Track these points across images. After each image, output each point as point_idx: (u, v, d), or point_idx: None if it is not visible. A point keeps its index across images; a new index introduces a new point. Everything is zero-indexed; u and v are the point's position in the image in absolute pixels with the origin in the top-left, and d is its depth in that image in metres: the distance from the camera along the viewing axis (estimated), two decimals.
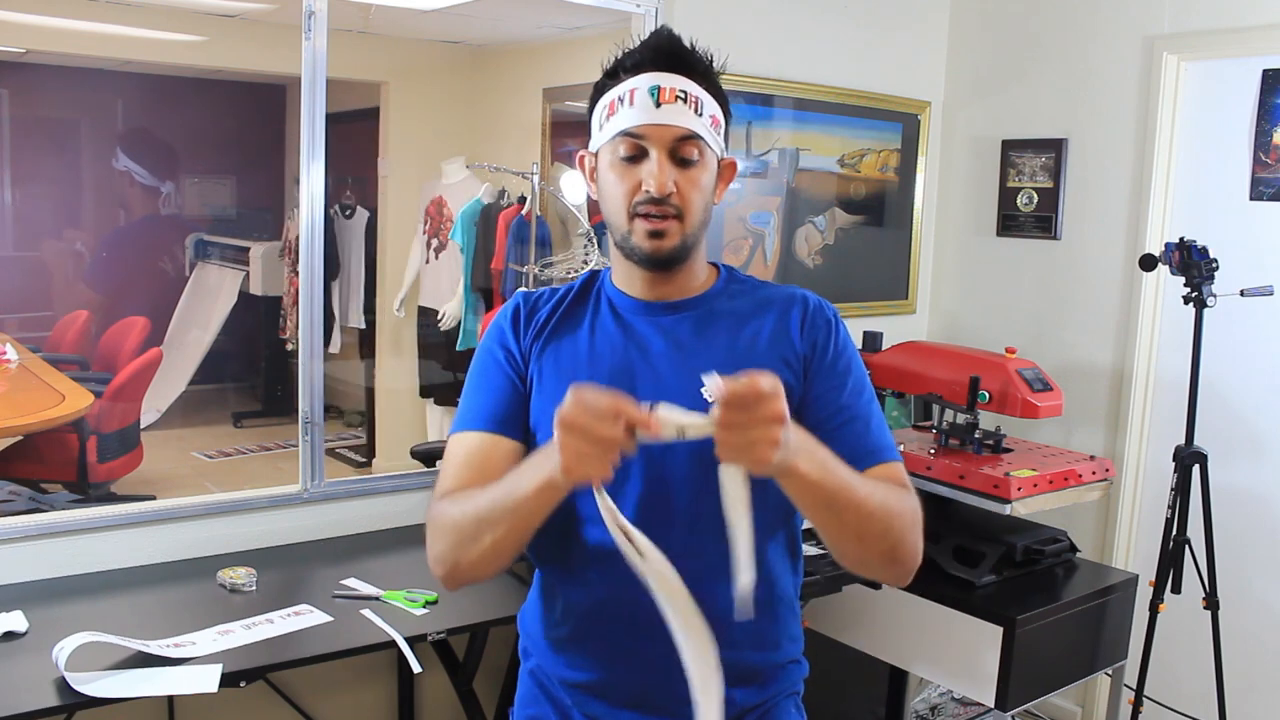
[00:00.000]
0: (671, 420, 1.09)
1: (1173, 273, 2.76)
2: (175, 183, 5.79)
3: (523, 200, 3.92)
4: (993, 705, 2.58)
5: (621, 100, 1.27)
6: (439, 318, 4.31)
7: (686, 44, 1.31)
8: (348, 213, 5.27)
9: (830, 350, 1.35)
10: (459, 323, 4.20)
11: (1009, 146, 3.57)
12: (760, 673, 1.42)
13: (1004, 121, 3.61)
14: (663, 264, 1.31)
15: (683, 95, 1.26)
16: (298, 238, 2.64)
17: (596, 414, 1.05)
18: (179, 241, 5.60)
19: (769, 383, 1.05)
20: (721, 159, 1.34)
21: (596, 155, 1.33)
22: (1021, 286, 3.59)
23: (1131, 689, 2.85)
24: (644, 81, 1.26)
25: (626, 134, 1.26)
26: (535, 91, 4.46)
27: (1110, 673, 2.87)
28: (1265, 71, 3.01)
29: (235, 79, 5.82)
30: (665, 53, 1.28)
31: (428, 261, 4.55)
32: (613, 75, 1.30)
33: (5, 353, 3.69)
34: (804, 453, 1.13)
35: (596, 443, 1.05)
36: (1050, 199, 3.47)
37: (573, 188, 3.55)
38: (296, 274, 2.68)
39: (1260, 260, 2.98)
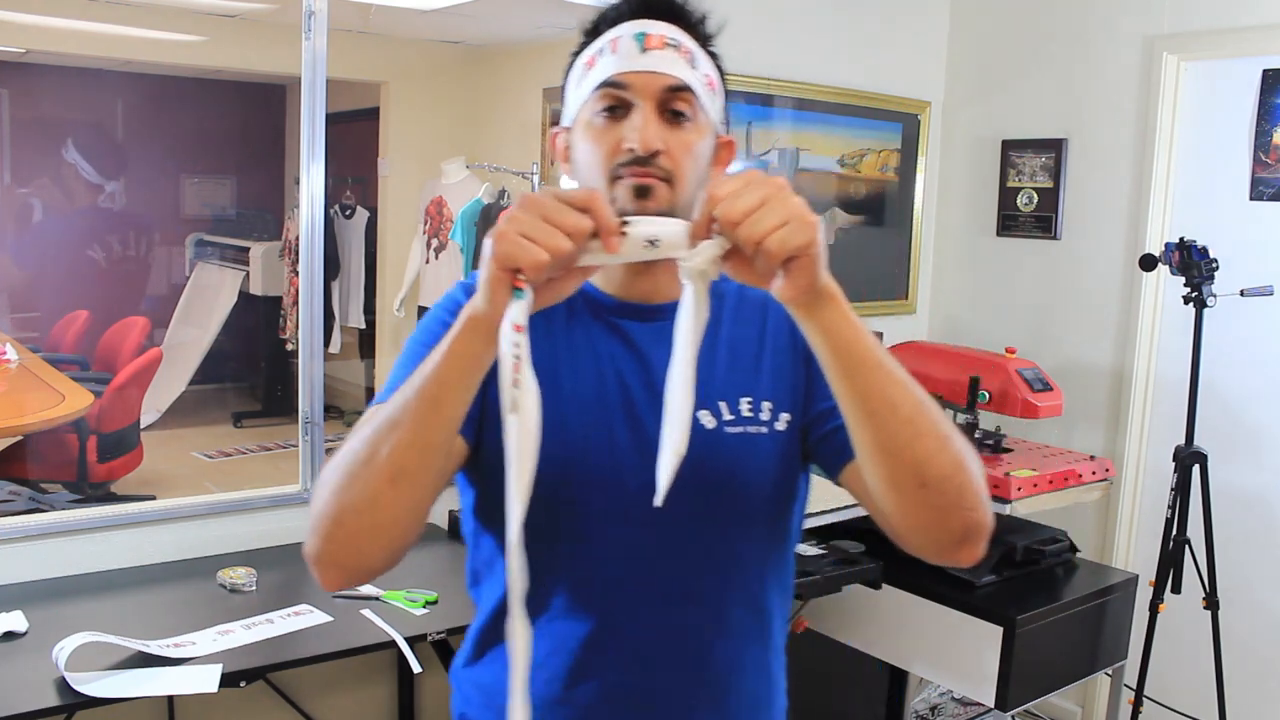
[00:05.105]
0: (642, 233, 0.89)
1: (1173, 273, 2.76)
2: (119, 182, 5.77)
3: None
4: (993, 705, 2.58)
5: (602, 52, 1.08)
6: None
7: None
8: (348, 213, 5.27)
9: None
10: None
11: (1009, 146, 3.57)
12: None
13: (1004, 121, 3.60)
14: None
15: (674, 43, 1.07)
16: (298, 238, 2.64)
17: (567, 199, 0.87)
18: (115, 233, 5.56)
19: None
20: (719, 134, 1.13)
21: (571, 130, 1.12)
22: (1021, 286, 3.59)
23: (1131, 689, 2.85)
24: (629, 28, 1.07)
25: (608, 84, 1.06)
26: (535, 91, 4.45)
27: (1110, 673, 2.87)
28: (1265, 71, 3.00)
29: (235, 79, 5.82)
30: (653, 1, 1.09)
31: (428, 261, 4.55)
32: (593, 32, 1.11)
33: (5, 353, 3.69)
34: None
35: (551, 228, 0.85)
36: (1050, 199, 3.47)
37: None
38: (296, 274, 2.68)
39: (1260, 260, 2.98)
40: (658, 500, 0.90)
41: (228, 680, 1.83)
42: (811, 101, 3.40)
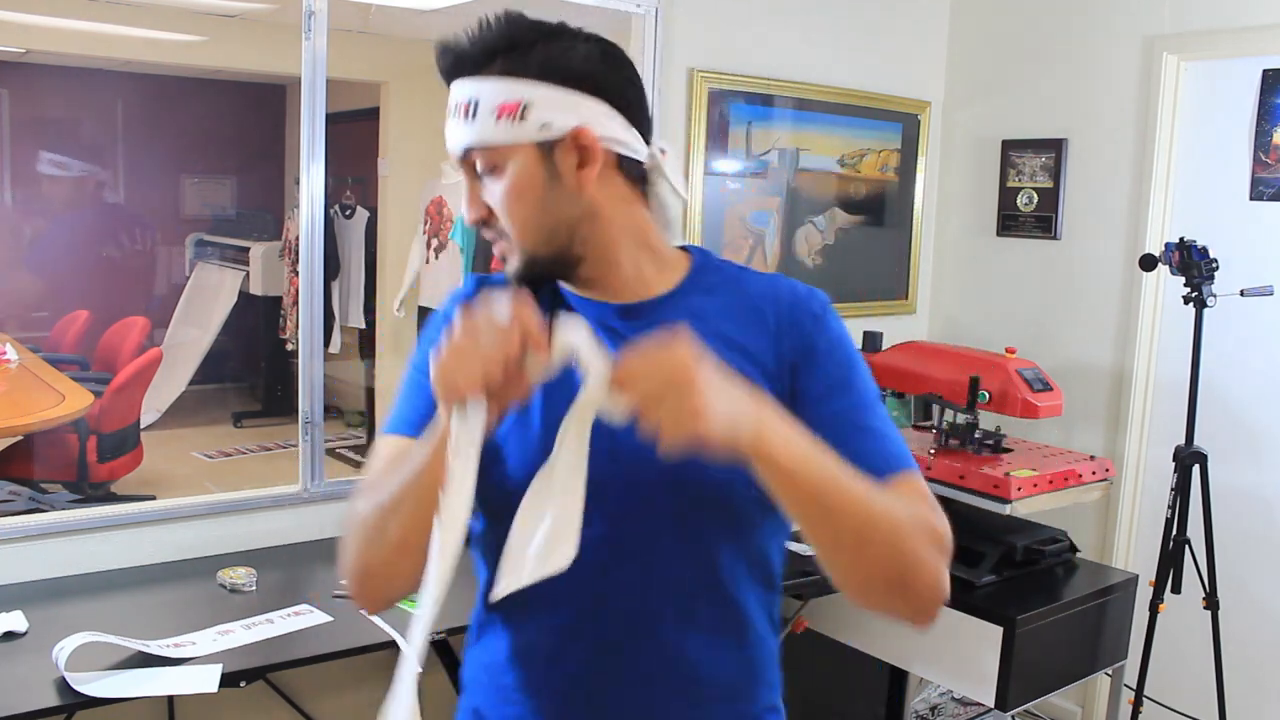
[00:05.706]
0: (566, 341, 0.95)
1: (1173, 273, 2.76)
2: (106, 174, 5.75)
3: None
4: (993, 705, 2.58)
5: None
6: None
7: (478, 24, 1.08)
8: (348, 213, 5.27)
9: (820, 347, 1.13)
10: None
11: (1009, 146, 3.57)
12: None
13: (1004, 121, 3.60)
14: (534, 284, 1.13)
15: (457, 107, 1.08)
16: (298, 238, 2.65)
17: (499, 314, 0.94)
18: (114, 233, 5.57)
19: (672, 339, 0.92)
20: (552, 140, 1.06)
21: None
22: (1021, 286, 3.59)
23: (1131, 689, 2.85)
24: (450, 98, 1.11)
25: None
26: None
27: (1110, 673, 2.87)
28: (1265, 71, 3.01)
29: (235, 79, 5.82)
30: (448, 62, 1.09)
31: (428, 261, 4.54)
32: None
33: (5, 353, 3.70)
34: (771, 428, 0.95)
35: (484, 353, 0.93)
36: (1050, 199, 3.47)
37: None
38: (296, 274, 2.68)
39: (1260, 260, 2.98)
40: (494, 597, 1.05)
41: (228, 680, 1.83)
42: (811, 101, 3.40)
